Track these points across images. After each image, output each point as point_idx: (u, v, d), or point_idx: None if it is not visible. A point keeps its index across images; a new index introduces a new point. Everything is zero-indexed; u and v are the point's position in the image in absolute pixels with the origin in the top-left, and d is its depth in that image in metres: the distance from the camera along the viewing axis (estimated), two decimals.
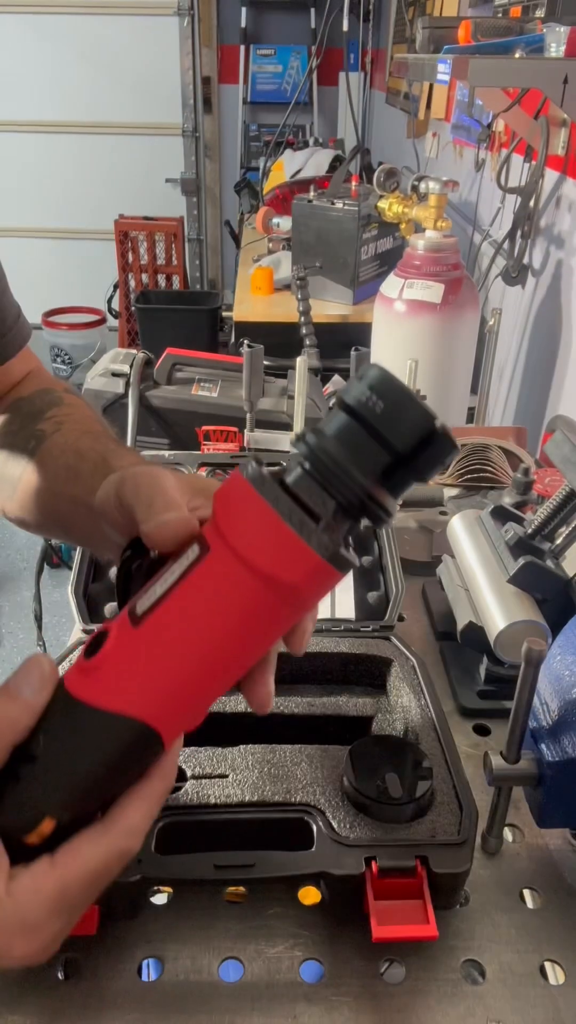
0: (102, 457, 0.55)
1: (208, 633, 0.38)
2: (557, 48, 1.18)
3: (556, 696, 0.62)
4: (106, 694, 0.38)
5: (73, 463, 0.56)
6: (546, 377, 1.62)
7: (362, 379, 0.37)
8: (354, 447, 0.36)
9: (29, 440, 0.61)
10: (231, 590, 0.37)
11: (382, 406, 0.36)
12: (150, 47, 4.52)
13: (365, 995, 0.56)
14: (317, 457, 0.37)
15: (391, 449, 0.36)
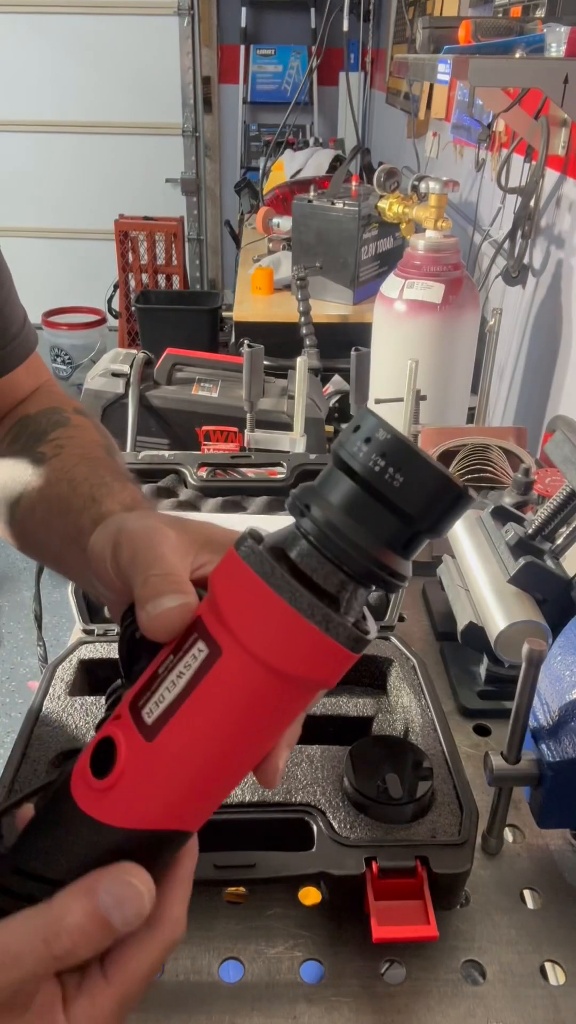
0: (91, 495, 0.52)
1: (231, 738, 0.36)
2: (557, 48, 1.18)
3: (556, 696, 0.62)
4: (130, 814, 0.36)
5: (65, 494, 0.53)
6: (546, 377, 1.62)
7: (363, 437, 0.33)
8: (368, 520, 0.33)
9: (28, 463, 0.59)
10: (252, 693, 0.35)
11: (398, 479, 0.33)
12: (150, 47, 4.52)
13: (365, 996, 0.56)
14: (326, 535, 0.34)
15: (411, 522, 0.33)
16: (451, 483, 0.33)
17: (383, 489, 0.33)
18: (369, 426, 0.33)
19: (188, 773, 0.36)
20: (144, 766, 0.36)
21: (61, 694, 0.74)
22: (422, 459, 0.33)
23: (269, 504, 1.02)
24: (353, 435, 0.33)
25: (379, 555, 0.33)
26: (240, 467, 1.09)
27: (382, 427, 0.33)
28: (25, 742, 0.68)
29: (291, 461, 1.06)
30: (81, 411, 0.64)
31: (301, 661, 0.34)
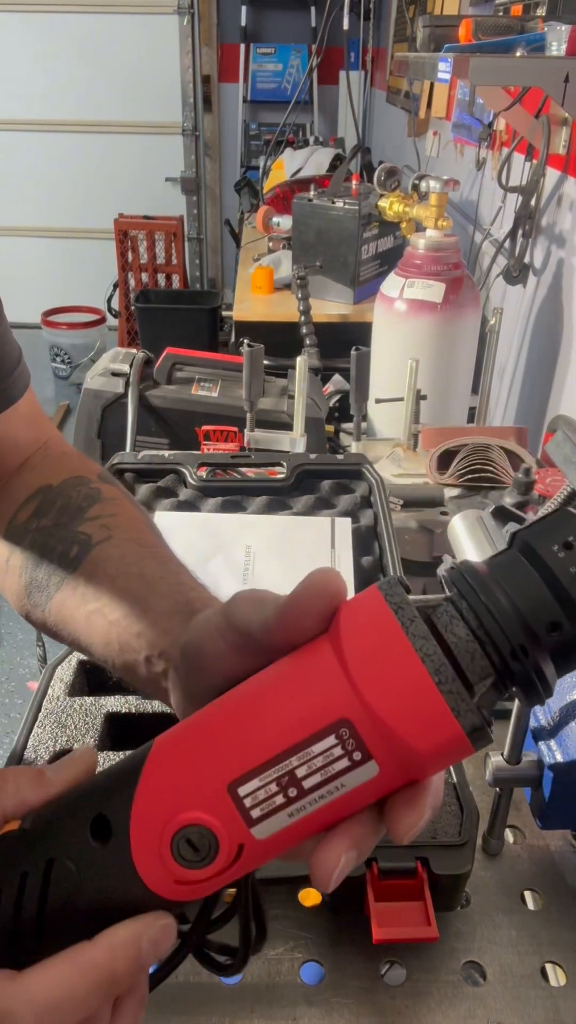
0: (184, 599, 0.47)
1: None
2: (558, 47, 1.18)
3: (556, 697, 0.62)
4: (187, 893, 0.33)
5: (141, 593, 0.48)
6: (547, 377, 1.62)
7: (563, 540, 0.30)
8: (537, 614, 0.30)
9: (71, 545, 0.53)
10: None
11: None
12: (150, 46, 4.51)
13: (366, 997, 0.56)
14: (494, 621, 0.30)
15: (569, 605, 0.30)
16: None
17: (570, 588, 0.29)
18: (557, 515, 0.31)
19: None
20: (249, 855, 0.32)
21: (61, 694, 0.74)
22: None
23: (269, 504, 1.02)
24: (549, 528, 0.31)
25: (538, 658, 0.30)
26: (240, 467, 1.09)
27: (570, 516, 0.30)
28: (25, 742, 0.68)
29: (291, 461, 1.06)
30: (105, 477, 0.59)
31: (412, 726, 0.30)
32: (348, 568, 0.91)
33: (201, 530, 0.97)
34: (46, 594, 0.52)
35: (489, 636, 0.30)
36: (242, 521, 0.99)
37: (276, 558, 0.93)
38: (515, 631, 0.30)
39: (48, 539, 0.54)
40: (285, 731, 0.31)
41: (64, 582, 0.52)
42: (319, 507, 1.02)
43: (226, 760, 0.31)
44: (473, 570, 0.31)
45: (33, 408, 0.62)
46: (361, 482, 1.05)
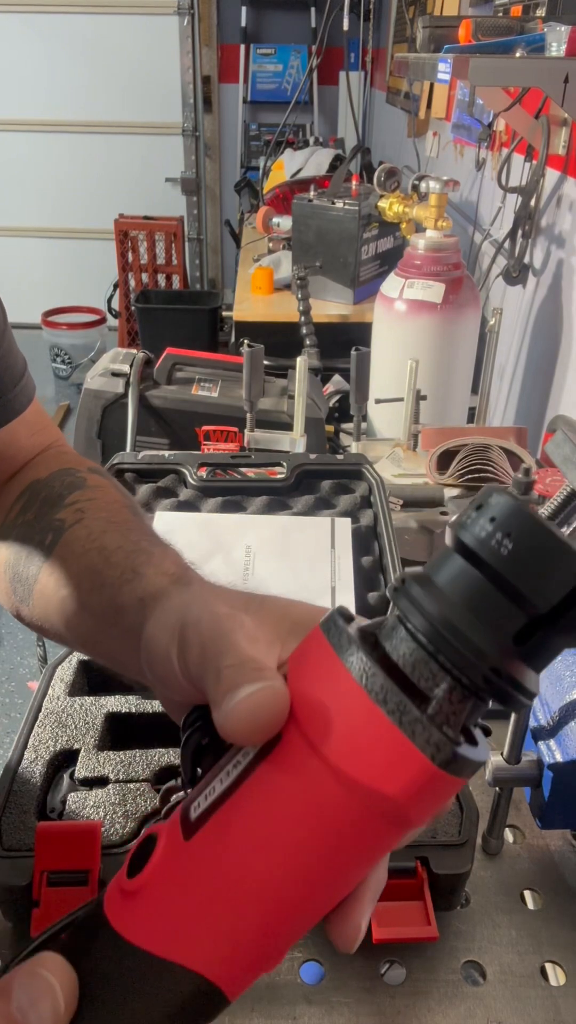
0: (129, 565, 0.44)
1: (275, 858, 0.28)
2: (558, 47, 1.18)
3: (557, 697, 0.62)
4: (150, 932, 0.28)
5: (98, 566, 0.46)
6: (547, 377, 1.62)
7: (487, 515, 0.27)
8: (479, 607, 0.27)
9: (46, 532, 0.51)
10: (307, 800, 0.27)
11: (513, 549, 0.26)
12: (150, 46, 4.52)
13: (365, 996, 0.56)
14: (430, 623, 0.27)
15: (530, 608, 0.26)
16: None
17: (493, 561, 0.27)
18: (490, 501, 0.27)
19: (223, 893, 0.28)
20: (175, 871, 0.29)
21: (61, 694, 0.74)
22: (542, 527, 0.26)
23: (269, 504, 1.02)
24: (475, 513, 0.28)
25: (492, 651, 0.27)
26: (240, 467, 1.09)
27: (501, 495, 0.27)
28: (25, 742, 0.68)
29: (291, 461, 1.06)
30: (96, 470, 0.58)
31: (369, 763, 0.27)
32: (348, 568, 0.91)
33: (201, 530, 0.97)
34: (27, 587, 0.51)
35: (434, 642, 0.27)
36: (242, 521, 1.00)
37: (276, 558, 0.93)
38: (458, 628, 0.27)
39: (29, 531, 0.53)
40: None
41: (40, 572, 0.50)
42: (319, 507, 1.02)
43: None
44: (416, 576, 0.29)
45: (38, 417, 0.61)
46: (361, 482, 1.05)
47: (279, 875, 0.28)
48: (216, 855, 0.28)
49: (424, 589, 0.28)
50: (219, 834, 0.28)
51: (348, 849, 0.28)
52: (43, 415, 0.62)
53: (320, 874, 0.28)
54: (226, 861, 0.28)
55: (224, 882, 0.28)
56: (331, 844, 0.28)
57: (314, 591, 0.89)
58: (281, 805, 0.28)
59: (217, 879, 0.28)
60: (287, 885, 0.28)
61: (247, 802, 0.28)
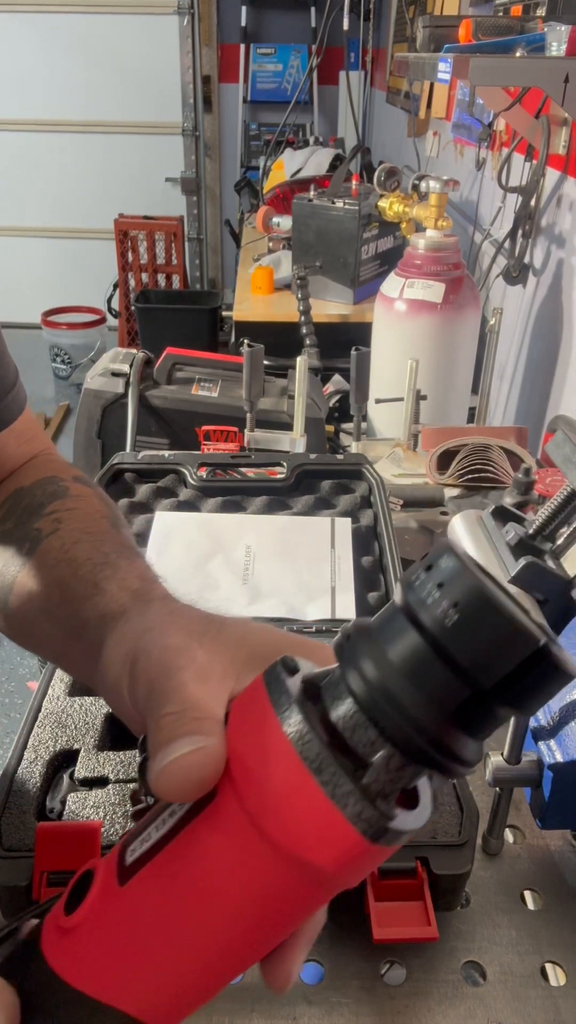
0: (93, 579, 0.43)
1: (205, 914, 0.28)
2: (558, 47, 1.18)
3: (557, 697, 0.62)
4: (83, 972, 0.29)
5: (66, 578, 0.45)
6: (547, 377, 1.62)
7: (435, 579, 0.26)
8: (421, 677, 0.26)
9: (24, 541, 0.50)
10: (239, 859, 0.27)
11: (458, 621, 0.25)
12: (150, 46, 4.51)
13: (365, 997, 0.56)
14: (369, 689, 0.26)
15: (473, 683, 0.25)
16: (523, 633, 0.25)
17: (450, 647, 0.25)
18: (440, 563, 0.26)
19: (154, 940, 0.29)
20: (108, 913, 0.29)
21: (61, 694, 0.74)
22: (497, 609, 0.25)
23: (269, 504, 1.02)
24: (424, 574, 0.26)
25: (429, 722, 0.26)
26: (240, 467, 1.09)
27: (450, 557, 0.26)
28: (24, 742, 0.68)
29: (291, 461, 1.06)
30: (81, 479, 0.57)
31: (298, 833, 0.26)
32: (348, 568, 0.91)
33: (201, 530, 0.97)
34: (3, 597, 0.50)
35: (372, 709, 0.26)
36: (242, 521, 0.99)
37: (276, 558, 0.93)
38: (397, 699, 0.26)
39: (8, 540, 0.52)
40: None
41: (15, 581, 0.49)
42: (319, 507, 1.02)
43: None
44: (361, 632, 0.28)
45: (28, 426, 0.60)
46: (361, 482, 1.05)
47: (209, 930, 0.28)
48: (147, 906, 0.29)
49: (368, 649, 0.27)
50: (151, 885, 0.29)
51: (278, 908, 0.28)
52: (33, 424, 0.62)
53: (250, 931, 0.29)
54: (157, 912, 0.29)
55: (155, 932, 0.29)
56: (261, 904, 0.28)
57: (314, 591, 0.89)
58: (212, 863, 0.28)
59: (148, 928, 0.29)
60: (217, 940, 0.29)
61: (179, 857, 0.28)
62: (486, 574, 0.28)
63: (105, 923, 0.29)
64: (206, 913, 0.28)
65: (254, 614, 0.85)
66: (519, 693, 0.26)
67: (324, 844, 0.26)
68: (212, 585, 0.90)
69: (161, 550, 0.93)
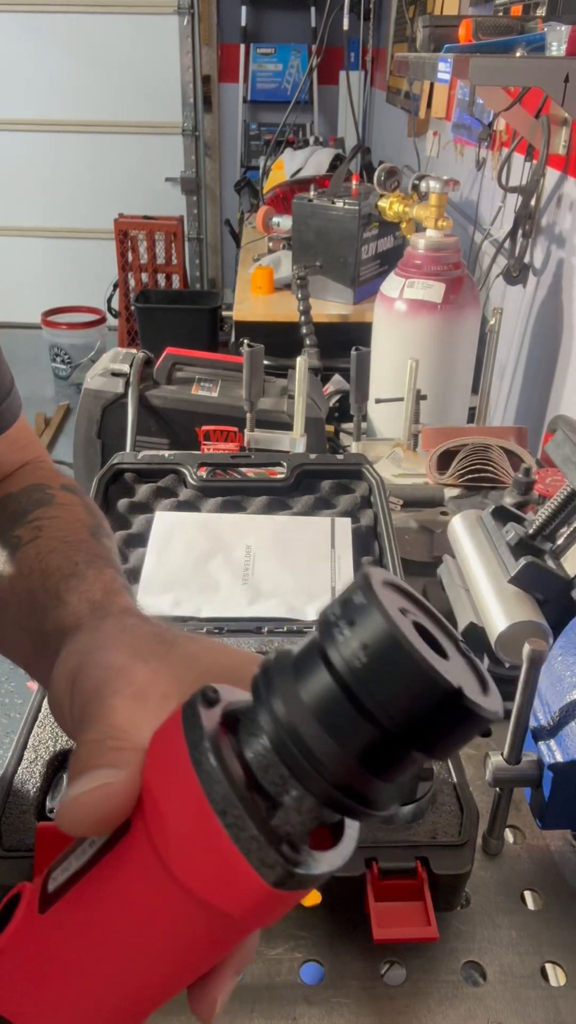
0: (56, 591, 0.42)
1: (117, 945, 0.28)
2: (558, 47, 1.18)
3: (557, 697, 0.62)
4: (3, 996, 0.29)
5: (36, 589, 0.45)
6: (547, 377, 1.62)
7: (348, 617, 0.25)
8: (329, 718, 0.25)
9: (3, 548, 0.50)
10: (148, 899, 0.27)
11: (367, 663, 0.24)
12: (150, 46, 4.51)
13: (366, 997, 0.56)
14: (278, 729, 0.26)
15: (380, 726, 0.25)
16: (432, 681, 0.24)
17: (357, 690, 0.25)
18: (358, 606, 0.25)
19: (71, 973, 0.29)
20: (28, 942, 0.29)
21: None
22: (406, 654, 0.24)
23: (269, 504, 1.02)
24: (340, 609, 0.25)
25: (346, 776, 0.25)
26: (240, 467, 1.09)
27: (365, 594, 0.25)
28: (24, 742, 0.68)
29: (291, 461, 1.06)
30: (70, 487, 0.56)
31: (204, 877, 0.26)
32: (348, 568, 0.91)
33: (201, 530, 0.97)
34: None
35: (281, 755, 0.26)
36: (242, 521, 0.99)
37: (276, 558, 0.93)
38: (304, 749, 0.25)
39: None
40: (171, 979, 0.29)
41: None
42: (319, 507, 1.02)
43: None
44: (277, 668, 0.27)
45: (22, 433, 0.60)
46: (361, 482, 1.05)
47: (121, 964, 0.28)
48: (63, 935, 0.29)
49: (281, 685, 0.26)
50: (67, 915, 0.29)
51: (190, 946, 0.28)
52: (28, 432, 0.61)
53: (162, 966, 0.28)
54: (71, 943, 0.29)
55: (69, 962, 0.28)
56: (172, 940, 0.28)
57: (314, 591, 0.89)
58: (123, 898, 0.28)
59: (63, 958, 0.29)
60: (129, 974, 0.28)
61: (92, 889, 0.28)
62: (413, 602, 0.27)
63: (24, 950, 0.29)
64: (118, 947, 0.28)
65: (254, 614, 0.85)
66: (431, 738, 0.25)
67: (229, 889, 0.26)
68: (212, 585, 0.89)
69: (161, 550, 0.93)
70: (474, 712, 0.24)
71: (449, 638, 0.27)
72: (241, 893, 0.26)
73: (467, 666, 0.27)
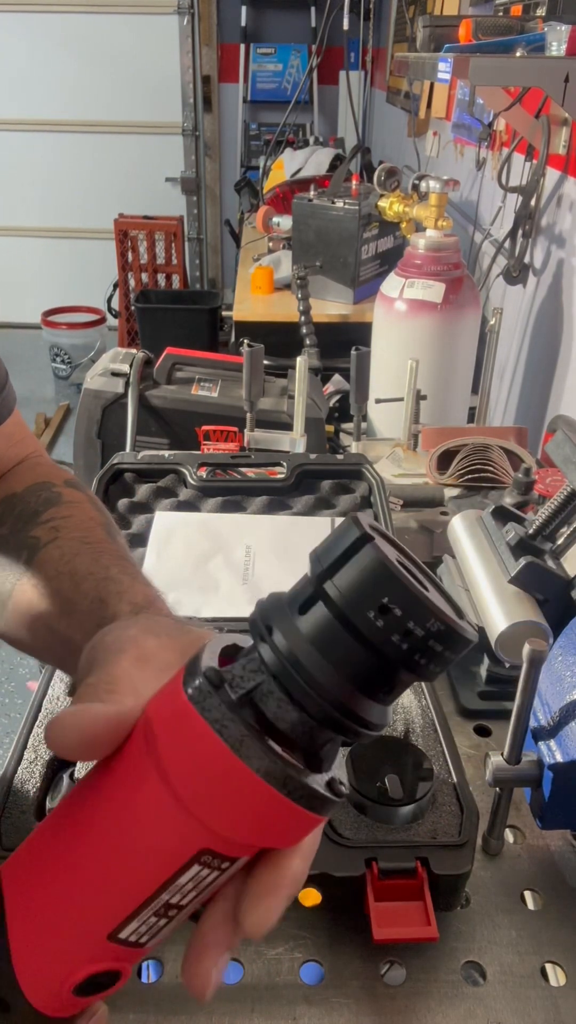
0: (97, 594, 0.44)
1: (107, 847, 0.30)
2: (558, 47, 1.18)
3: (557, 697, 0.62)
4: (6, 869, 0.33)
5: (68, 592, 0.46)
6: (547, 377, 1.62)
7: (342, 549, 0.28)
8: (335, 655, 0.28)
9: (21, 550, 0.51)
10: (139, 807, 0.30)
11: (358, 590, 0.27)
12: (150, 45, 4.52)
13: (366, 997, 0.56)
14: (284, 667, 0.28)
15: (371, 649, 0.28)
16: (436, 614, 0.27)
17: (355, 620, 0.27)
18: (350, 540, 0.28)
19: (58, 859, 0.31)
20: (32, 837, 0.33)
21: (61, 694, 0.74)
22: (397, 581, 0.27)
23: (269, 504, 1.02)
24: (333, 545, 0.28)
25: (344, 697, 0.28)
26: (240, 467, 1.09)
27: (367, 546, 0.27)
28: (24, 742, 0.68)
29: (291, 461, 1.06)
30: (73, 483, 0.58)
31: (200, 781, 0.28)
32: None
33: (201, 530, 0.97)
34: (3, 604, 0.51)
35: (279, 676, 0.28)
36: (242, 521, 0.99)
37: (276, 558, 0.93)
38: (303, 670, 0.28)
39: (4, 546, 0.52)
40: (150, 875, 0.30)
41: (15, 589, 0.50)
42: (319, 507, 1.02)
43: (100, 915, 0.31)
44: (274, 607, 0.29)
45: (17, 428, 0.61)
46: (361, 482, 1.05)
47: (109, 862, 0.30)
48: (52, 825, 0.32)
49: (275, 616, 0.29)
50: (62, 815, 0.32)
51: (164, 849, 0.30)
52: (23, 427, 0.62)
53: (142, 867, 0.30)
54: (64, 837, 0.32)
55: (60, 852, 0.31)
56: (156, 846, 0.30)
57: None
58: (117, 808, 0.30)
59: (55, 849, 0.32)
60: (117, 874, 0.30)
61: (89, 796, 0.31)
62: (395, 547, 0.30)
63: (27, 844, 0.33)
64: (106, 847, 0.30)
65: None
66: (420, 659, 0.27)
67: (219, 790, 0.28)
68: (212, 585, 0.90)
69: (161, 550, 0.93)
70: (458, 632, 0.27)
71: (427, 578, 0.30)
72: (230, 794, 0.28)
73: (444, 600, 0.29)
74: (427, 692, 0.74)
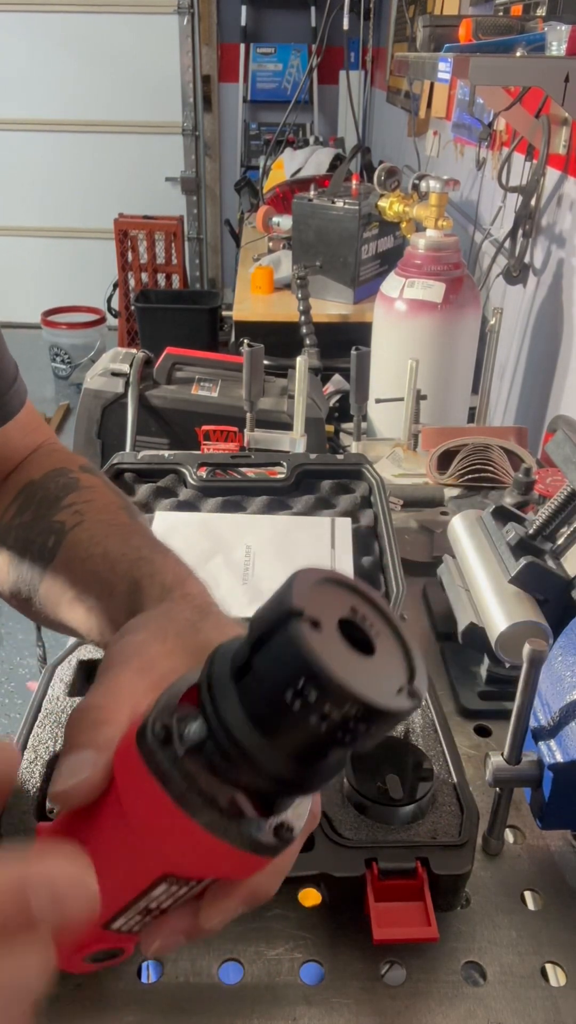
0: (132, 576, 0.46)
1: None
2: (558, 46, 1.18)
3: (557, 697, 0.62)
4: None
5: (103, 573, 0.48)
6: (547, 376, 1.62)
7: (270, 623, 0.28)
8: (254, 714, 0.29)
9: (48, 535, 0.53)
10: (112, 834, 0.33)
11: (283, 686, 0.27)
12: (150, 45, 4.52)
13: (365, 997, 0.56)
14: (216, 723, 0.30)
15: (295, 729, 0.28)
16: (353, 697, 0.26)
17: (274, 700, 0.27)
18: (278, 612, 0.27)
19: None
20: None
21: (61, 694, 0.74)
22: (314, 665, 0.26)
23: (269, 504, 1.02)
24: (268, 610, 0.28)
25: (278, 767, 0.29)
26: (240, 467, 1.09)
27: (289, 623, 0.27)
28: (24, 742, 0.68)
29: (291, 461, 1.06)
30: (88, 468, 0.59)
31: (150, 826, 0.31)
32: (348, 568, 0.91)
33: (201, 530, 0.97)
34: (32, 588, 0.53)
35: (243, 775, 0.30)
36: (242, 521, 0.99)
37: (276, 558, 0.93)
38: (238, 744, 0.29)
39: (28, 533, 0.54)
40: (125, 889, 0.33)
41: (45, 573, 0.52)
42: (319, 507, 1.02)
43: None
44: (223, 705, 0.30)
45: (31, 417, 0.63)
46: (361, 482, 1.05)
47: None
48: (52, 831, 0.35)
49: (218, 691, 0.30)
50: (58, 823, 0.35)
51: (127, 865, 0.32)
52: (35, 415, 0.63)
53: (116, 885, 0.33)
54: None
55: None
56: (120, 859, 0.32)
57: None
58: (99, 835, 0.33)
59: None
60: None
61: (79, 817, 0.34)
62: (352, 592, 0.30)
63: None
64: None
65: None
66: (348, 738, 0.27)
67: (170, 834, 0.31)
68: (212, 585, 0.89)
69: None
70: (379, 711, 0.26)
71: (386, 625, 0.29)
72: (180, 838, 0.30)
73: (397, 656, 0.29)
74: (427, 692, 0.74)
